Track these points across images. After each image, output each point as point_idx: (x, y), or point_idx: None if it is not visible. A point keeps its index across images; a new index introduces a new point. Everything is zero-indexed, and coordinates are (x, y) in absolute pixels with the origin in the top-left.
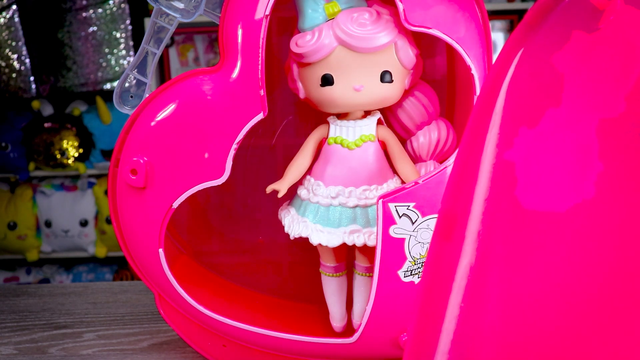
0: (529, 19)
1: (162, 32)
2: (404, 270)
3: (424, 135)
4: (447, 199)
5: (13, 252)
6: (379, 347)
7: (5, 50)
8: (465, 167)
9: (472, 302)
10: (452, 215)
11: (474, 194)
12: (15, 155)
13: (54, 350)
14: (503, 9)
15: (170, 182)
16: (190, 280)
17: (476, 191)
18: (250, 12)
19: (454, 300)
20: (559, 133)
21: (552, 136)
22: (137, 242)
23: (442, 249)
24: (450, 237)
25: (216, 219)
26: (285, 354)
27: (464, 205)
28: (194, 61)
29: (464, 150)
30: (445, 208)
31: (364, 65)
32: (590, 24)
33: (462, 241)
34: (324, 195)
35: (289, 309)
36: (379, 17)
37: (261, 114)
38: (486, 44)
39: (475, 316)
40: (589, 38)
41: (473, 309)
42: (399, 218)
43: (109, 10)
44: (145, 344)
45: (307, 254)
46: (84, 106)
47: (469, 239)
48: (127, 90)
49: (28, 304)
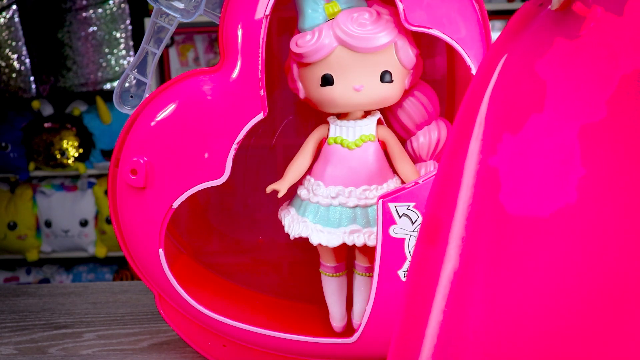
0: (512, 26)
1: (162, 32)
2: (404, 270)
3: (424, 135)
4: (431, 204)
5: (13, 252)
6: (379, 347)
7: (5, 50)
8: (449, 172)
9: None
10: (436, 220)
11: (457, 199)
12: (15, 155)
13: (54, 350)
14: (503, 9)
15: (170, 182)
16: (190, 280)
17: (460, 196)
18: (250, 12)
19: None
20: (542, 139)
21: (535, 142)
22: (137, 242)
23: (426, 254)
24: (435, 242)
25: (216, 219)
26: (285, 354)
27: (448, 210)
28: (194, 61)
29: (448, 156)
30: (429, 213)
31: (364, 65)
32: (572, 31)
33: (446, 246)
34: (324, 195)
35: (289, 309)
36: (379, 17)
37: (261, 114)
38: (486, 44)
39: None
40: (571, 44)
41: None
42: (399, 218)
43: (109, 10)
44: (145, 344)
45: (307, 254)
46: (84, 106)
47: (452, 243)
48: (127, 90)
49: (28, 304)
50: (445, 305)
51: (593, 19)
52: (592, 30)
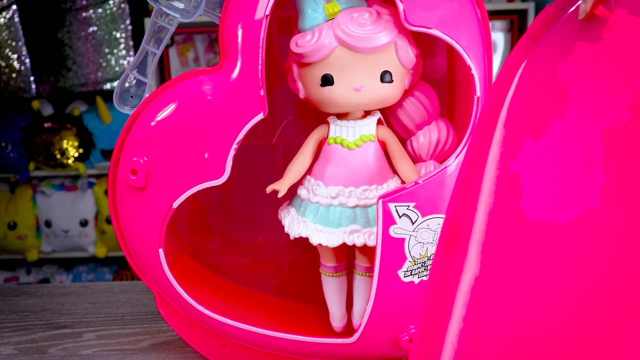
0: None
1: (162, 32)
2: (404, 270)
3: (424, 135)
4: (451, 211)
5: (13, 252)
6: (379, 347)
7: (5, 50)
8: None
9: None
10: (456, 226)
11: (477, 205)
12: (15, 155)
13: (54, 350)
14: (503, 9)
15: (170, 182)
16: (190, 280)
17: (480, 202)
18: (250, 12)
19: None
20: (563, 143)
21: (556, 147)
22: (137, 242)
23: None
24: (455, 249)
25: (216, 219)
26: (285, 354)
27: (468, 217)
28: (194, 61)
29: (468, 161)
30: (449, 219)
31: (364, 65)
32: (594, 34)
33: (466, 253)
34: (324, 195)
35: (289, 309)
36: (379, 17)
37: (261, 114)
38: (486, 44)
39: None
40: (593, 48)
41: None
42: (399, 218)
43: (109, 10)
44: (145, 344)
45: (307, 254)
46: (84, 106)
47: (472, 250)
48: (127, 90)
49: (28, 304)
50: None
51: (615, 22)
52: (614, 34)
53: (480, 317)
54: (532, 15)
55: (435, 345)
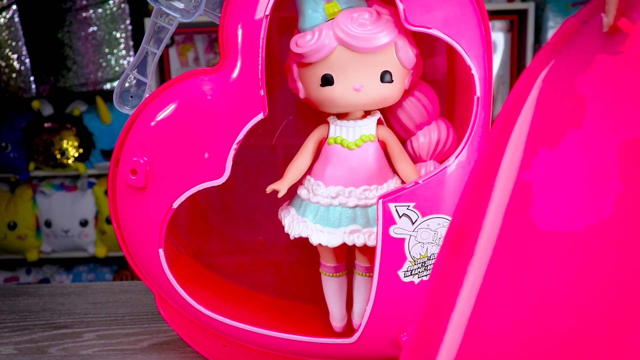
0: (554, 41)
1: (162, 32)
2: (404, 270)
3: (424, 135)
4: (458, 214)
5: (13, 252)
6: (379, 347)
7: (5, 50)
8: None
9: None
10: (462, 230)
11: (486, 211)
12: (15, 155)
13: (54, 350)
14: (503, 9)
15: (170, 182)
16: (190, 280)
17: (489, 208)
18: (250, 12)
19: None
20: (578, 154)
21: (570, 157)
22: (137, 242)
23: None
24: (459, 252)
25: (216, 219)
26: (285, 354)
27: (476, 222)
28: (194, 61)
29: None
30: (455, 221)
31: (364, 65)
32: (615, 47)
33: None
34: (324, 195)
35: (289, 309)
36: (379, 17)
37: (261, 114)
38: (486, 44)
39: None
40: (614, 61)
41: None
42: (399, 218)
43: (109, 10)
44: (145, 344)
45: (307, 254)
46: (84, 106)
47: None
48: (127, 90)
49: (28, 304)
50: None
51: (638, 35)
52: (636, 46)
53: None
54: (532, 15)
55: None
